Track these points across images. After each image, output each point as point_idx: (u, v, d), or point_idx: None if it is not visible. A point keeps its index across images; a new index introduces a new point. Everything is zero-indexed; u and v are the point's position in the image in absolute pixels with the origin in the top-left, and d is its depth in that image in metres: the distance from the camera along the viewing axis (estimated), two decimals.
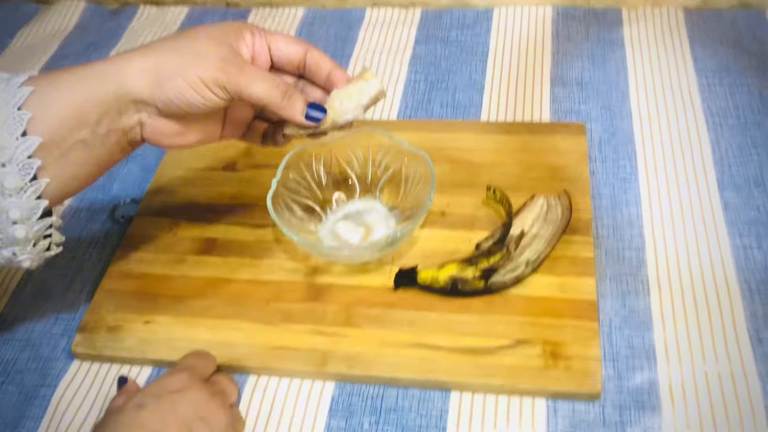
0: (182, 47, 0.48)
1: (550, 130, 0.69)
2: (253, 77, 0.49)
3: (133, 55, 0.48)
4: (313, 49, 0.53)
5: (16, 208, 0.45)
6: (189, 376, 0.51)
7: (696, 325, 0.55)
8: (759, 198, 0.63)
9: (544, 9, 0.85)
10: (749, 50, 0.77)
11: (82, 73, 0.47)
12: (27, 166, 0.45)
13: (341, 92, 0.53)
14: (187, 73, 0.47)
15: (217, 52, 0.48)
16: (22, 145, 0.44)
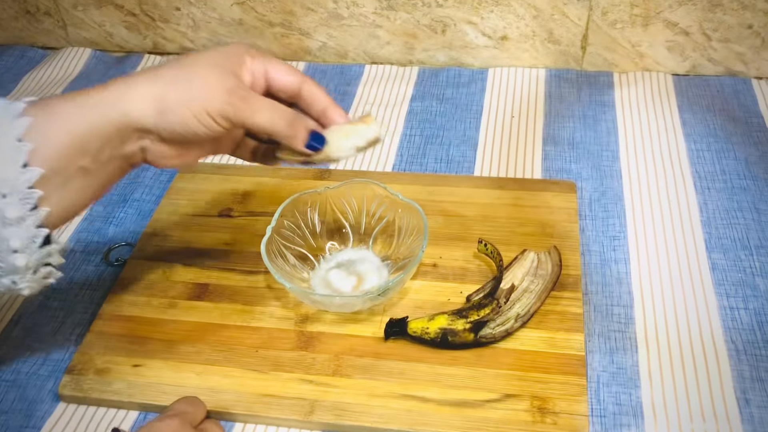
0: (186, 76, 0.48)
1: (541, 187, 0.70)
2: (258, 108, 0.49)
3: (135, 81, 0.48)
4: (309, 81, 0.54)
5: (17, 238, 0.45)
6: (180, 422, 0.50)
7: (683, 383, 0.55)
8: (746, 260, 0.64)
9: (538, 71, 0.88)
10: (735, 117, 0.79)
11: (81, 101, 0.47)
12: (28, 197, 0.45)
13: (340, 129, 0.53)
14: (192, 105, 0.47)
15: (221, 83, 0.48)
16: (23, 176, 0.44)
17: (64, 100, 0.47)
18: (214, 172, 0.76)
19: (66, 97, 0.47)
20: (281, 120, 0.50)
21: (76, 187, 0.47)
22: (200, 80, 0.48)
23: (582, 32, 0.84)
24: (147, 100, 0.47)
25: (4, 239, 0.45)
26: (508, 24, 0.85)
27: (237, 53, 0.51)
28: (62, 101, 0.47)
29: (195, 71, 0.49)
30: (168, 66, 0.49)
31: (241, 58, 0.51)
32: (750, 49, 0.82)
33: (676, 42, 0.83)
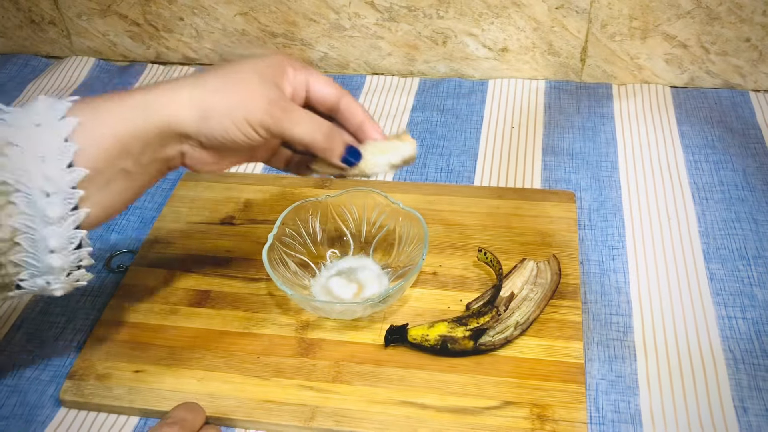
0: (231, 86, 0.49)
1: (541, 197, 0.71)
2: (297, 119, 0.50)
3: (179, 87, 0.49)
4: (347, 95, 0.54)
5: (55, 237, 0.46)
6: (178, 430, 0.51)
7: (681, 392, 0.56)
8: (744, 270, 0.64)
9: (537, 82, 0.88)
10: (733, 128, 0.80)
11: (127, 103, 0.48)
12: (70, 197, 0.45)
13: (376, 145, 0.54)
14: (235, 115, 0.48)
15: (263, 93, 0.49)
16: (69, 176, 0.45)
17: (110, 101, 0.47)
18: (217, 180, 0.76)
19: (110, 97, 0.48)
20: (319, 133, 0.51)
21: (116, 189, 0.48)
22: (243, 89, 0.49)
23: (581, 44, 0.85)
24: (189, 106, 0.48)
25: (42, 239, 0.45)
26: (509, 36, 0.86)
27: (280, 64, 0.52)
28: (107, 102, 0.47)
29: (238, 80, 0.49)
30: (212, 73, 0.50)
31: (283, 68, 0.52)
32: (747, 62, 0.83)
33: (675, 55, 0.84)
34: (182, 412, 0.54)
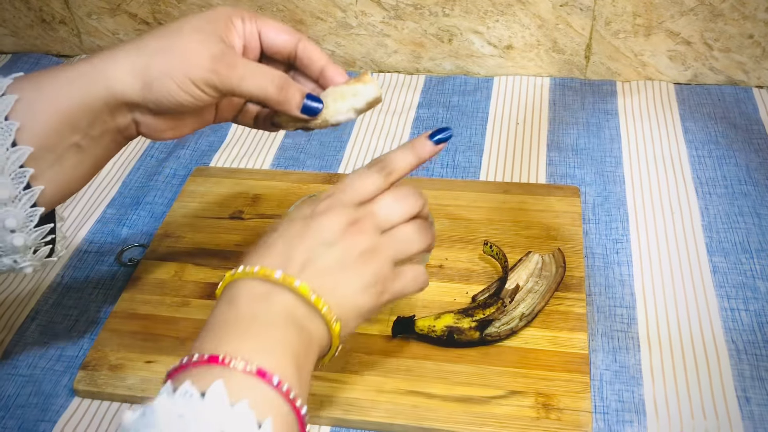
0: (169, 45, 0.47)
1: (545, 192, 0.72)
2: (245, 73, 0.47)
3: (117, 55, 0.46)
4: (305, 40, 0.51)
5: (12, 217, 0.45)
6: (329, 204, 0.47)
7: (685, 382, 0.56)
8: (746, 263, 0.65)
9: (542, 80, 0.89)
10: (736, 124, 0.80)
11: (67, 76, 0.46)
12: (19, 175, 0.45)
13: (336, 90, 0.51)
14: (176, 75, 0.46)
15: (205, 50, 0.46)
16: (13, 155, 0.44)
17: (50, 76, 0.46)
18: (226, 175, 0.77)
19: (52, 72, 0.46)
20: (272, 85, 0.48)
21: (70, 164, 0.47)
22: (183, 48, 0.46)
23: (586, 42, 0.86)
24: (131, 73, 0.46)
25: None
26: (514, 33, 0.87)
27: (224, 16, 0.49)
28: (48, 77, 0.46)
29: (178, 39, 0.47)
30: (151, 35, 0.48)
31: (228, 21, 0.49)
32: (751, 59, 0.84)
33: (678, 51, 0.84)
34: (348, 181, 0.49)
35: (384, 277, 0.46)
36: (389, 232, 0.48)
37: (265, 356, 0.39)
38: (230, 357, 0.38)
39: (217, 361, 0.38)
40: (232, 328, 0.41)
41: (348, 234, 0.45)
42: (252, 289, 0.43)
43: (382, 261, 0.46)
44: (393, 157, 0.49)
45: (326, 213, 0.46)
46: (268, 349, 0.40)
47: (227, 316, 0.42)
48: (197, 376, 0.38)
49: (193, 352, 0.39)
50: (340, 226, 0.45)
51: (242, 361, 0.38)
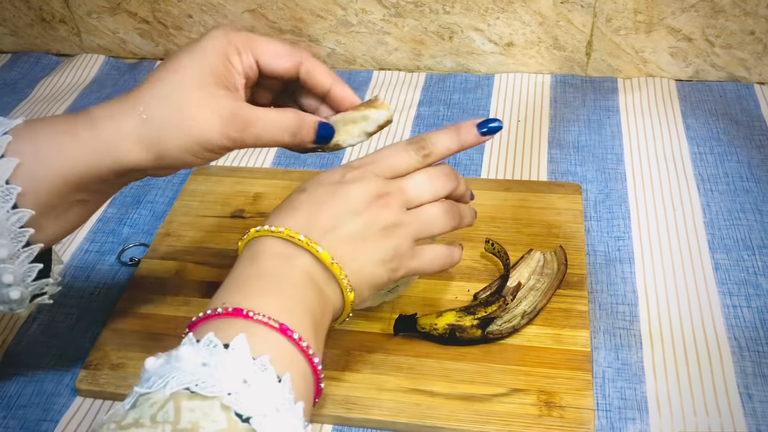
0: (176, 114, 0.45)
1: (547, 189, 0.72)
2: (259, 132, 0.47)
3: (122, 126, 0.45)
4: (307, 61, 0.49)
5: (9, 274, 0.45)
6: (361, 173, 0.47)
7: (687, 379, 0.56)
8: (748, 260, 0.65)
9: (543, 77, 0.89)
10: (738, 121, 0.80)
11: (73, 143, 0.45)
12: (19, 236, 0.44)
13: (347, 116, 0.51)
14: (189, 147, 0.45)
15: (215, 115, 0.45)
16: (13, 217, 0.44)
17: (53, 140, 0.45)
18: (227, 174, 0.77)
19: (52, 132, 0.45)
20: (286, 134, 0.48)
21: (74, 215, 0.47)
22: (191, 116, 0.45)
23: (587, 39, 0.86)
24: (141, 147, 0.45)
25: None
26: (514, 31, 0.86)
27: (221, 56, 0.47)
28: (50, 140, 0.45)
29: (184, 103, 0.45)
30: (152, 93, 0.46)
31: (225, 61, 0.47)
32: (752, 55, 0.84)
33: (679, 48, 0.84)
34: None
35: (402, 253, 0.48)
36: (415, 210, 0.48)
37: (286, 314, 0.41)
38: (253, 312, 0.40)
39: (240, 315, 0.40)
40: (255, 284, 0.42)
41: (374, 206, 0.46)
42: (275, 248, 0.44)
43: (402, 237, 0.47)
44: (435, 139, 0.49)
45: (355, 182, 0.47)
46: (289, 307, 0.42)
47: (250, 271, 0.43)
48: (220, 328, 0.39)
49: (215, 305, 0.41)
50: (366, 197, 0.46)
51: (265, 316, 0.40)
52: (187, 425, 0.34)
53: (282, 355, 0.39)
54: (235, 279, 0.43)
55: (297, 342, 0.40)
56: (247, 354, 0.37)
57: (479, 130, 0.50)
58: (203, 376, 0.36)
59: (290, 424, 0.36)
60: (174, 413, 0.34)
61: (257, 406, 0.35)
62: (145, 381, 0.36)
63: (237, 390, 0.35)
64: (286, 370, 0.38)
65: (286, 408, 0.37)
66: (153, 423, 0.34)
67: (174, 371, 0.36)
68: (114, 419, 0.35)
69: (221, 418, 0.34)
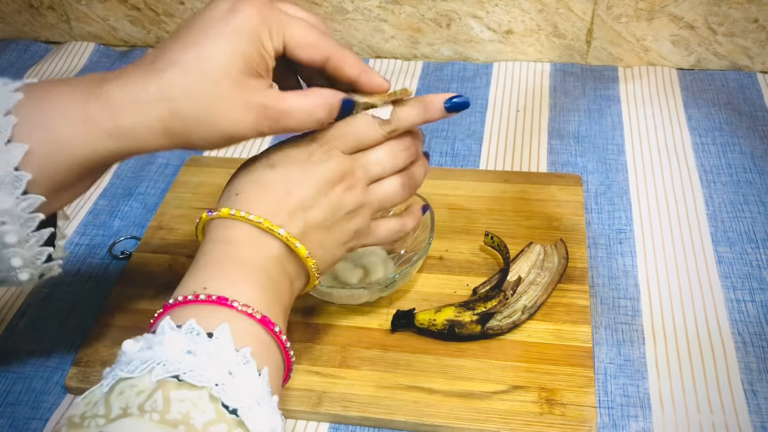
0: (206, 103, 0.42)
1: (547, 181, 0.70)
2: (289, 123, 0.45)
3: (147, 113, 0.42)
4: (334, 55, 0.46)
5: (19, 258, 0.45)
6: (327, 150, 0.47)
7: (690, 375, 0.55)
8: (752, 253, 0.64)
9: (542, 65, 0.87)
10: (741, 111, 0.79)
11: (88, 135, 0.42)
12: (29, 221, 0.43)
13: (369, 101, 0.48)
14: (216, 138, 0.43)
15: (248, 107, 0.43)
16: (24, 203, 0.42)
17: (68, 126, 0.42)
18: (220, 165, 0.76)
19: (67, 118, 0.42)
20: (314, 123, 0.46)
21: (83, 187, 0.46)
22: (223, 112, 0.43)
23: (587, 26, 0.84)
24: (165, 138, 0.43)
25: (5, 260, 0.44)
26: (513, 18, 0.85)
27: (255, 39, 0.43)
28: (64, 126, 0.42)
29: (215, 97, 0.42)
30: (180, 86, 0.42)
31: (259, 44, 0.43)
32: (755, 44, 0.82)
33: (681, 36, 0.83)
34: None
35: (360, 232, 0.49)
36: (375, 186, 0.49)
37: (265, 306, 0.41)
38: (237, 302, 0.39)
39: (224, 304, 0.39)
40: (235, 272, 0.42)
41: (340, 188, 0.47)
42: (251, 235, 0.44)
43: (363, 218, 0.49)
44: (402, 115, 0.48)
45: (323, 162, 0.46)
46: (268, 299, 0.42)
47: (227, 257, 0.43)
48: (202, 315, 0.38)
49: (193, 288, 0.40)
50: (333, 178, 0.46)
51: (249, 307, 0.39)
52: (177, 416, 0.33)
53: (261, 347, 0.40)
54: (213, 263, 0.42)
55: (277, 335, 0.41)
56: (230, 345, 0.37)
57: (445, 105, 0.50)
58: (190, 364, 0.35)
59: (270, 417, 0.37)
60: (163, 403, 0.34)
61: (242, 398, 0.35)
62: (125, 364, 0.36)
63: (224, 381, 0.35)
64: (264, 363, 0.39)
65: (265, 401, 0.37)
66: (141, 412, 0.33)
67: (157, 356, 0.36)
68: (98, 412, 0.34)
69: (210, 409, 0.34)
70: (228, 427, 0.34)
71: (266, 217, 0.44)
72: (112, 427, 0.33)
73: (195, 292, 0.40)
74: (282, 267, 0.44)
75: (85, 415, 0.34)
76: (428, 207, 0.57)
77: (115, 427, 0.33)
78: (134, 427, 0.33)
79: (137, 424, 0.33)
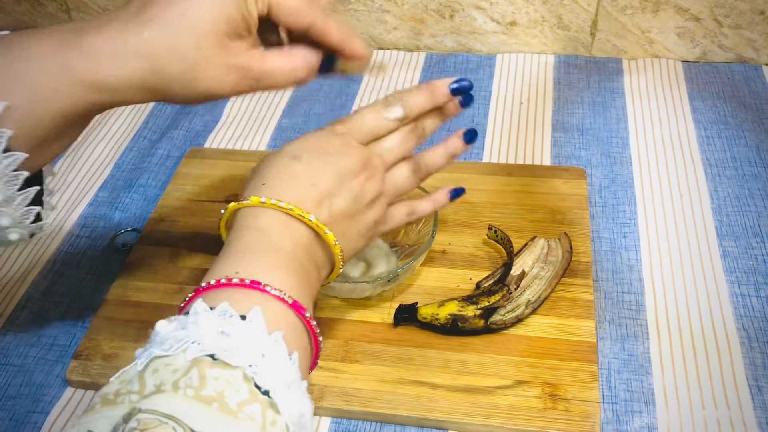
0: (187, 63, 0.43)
1: (551, 174, 0.70)
2: (270, 83, 0.46)
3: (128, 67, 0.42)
4: (317, 21, 0.46)
5: (6, 217, 0.44)
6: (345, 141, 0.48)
7: (695, 370, 0.55)
8: (757, 247, 0.63)
9: (546, 57, 0.87)
10: (746, 103, 0.78)
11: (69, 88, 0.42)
12: (13, 179, 0.43)
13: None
14: (195, 96, 0.44)
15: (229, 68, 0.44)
16: (6, 160, 0.42)
17: (47, 79, 0.41)
18: (221, 157, 0.75)
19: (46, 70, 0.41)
20: (294, 82, 0.47)
21: (68, 138, 0.46)
22: (204, 72, 0.43)
23: (591, 18, 0.83)
24: (145, 92, 0.43)
25: None
26: (517, 9, 0.84)
27: (240, 2, 0.43)
28: (44, 80, 0.41)
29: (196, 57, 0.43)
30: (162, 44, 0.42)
31: (243, 7, 0.44)
32: (761, 36, 0.81)
33: (687, 28, 0.82)
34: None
35: (379, 221, 0.50)
36: (389, 174, 0.51)
37: (297, 291, 0.41)
38: (270, 286, 0.40)
39: (257, 288, 0.39)
40: (268, 258, 0.42)
41: (361, 178, 0.48)
42: (281, 222, 0.44)
43: (381, 207, 0.50)
44: (411, 102, 0.50)
45: (344, 154, 0.48)
46: (299, 285, 0.42)
47: (260, 243, 0.43)
48: (234, 299, 0.39)
49: (226, 272, 0.40)
50: (355, 169, 0.47)
51: (281, 291, 0.40)
52: (212, 393, 0.33)
53: (292, 331, 0.40)
54: (245, 249, 0.43)
55: (308, 321, 0.41)
56: (263, 328, 0.37)
57: (450, 87, 0.52)
58: (225, 344, 0.35)
59: (300, 401, 0.37)
60: (198, 379, 0.34)
61: (274, 380, 0.36)
62: (159, 343, 0.36)
63: (257, 362, 0.35)
64: (294, 348, 0.39)
65: (295, 385, 0.37)
66: (175, 389, 0.33)
67: (192, 336, 0.35)
68: (132, 389, 0.34)
69: (244, 389, 0.34)
70: (261, 408, 0.34)
71: (295, 205, 0.44)
72: (146, 403, 0.33)
73: (227, 275, 0.40)
74: (310, 254, 0.45)
75: (119, 392, 0.34)
76: (458, 192, 0.58)
77: (149, 403, 0.33)
78: (168, 403, 0.33)
79: (171, 400, 0.33)
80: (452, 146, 0.55)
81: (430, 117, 0.53)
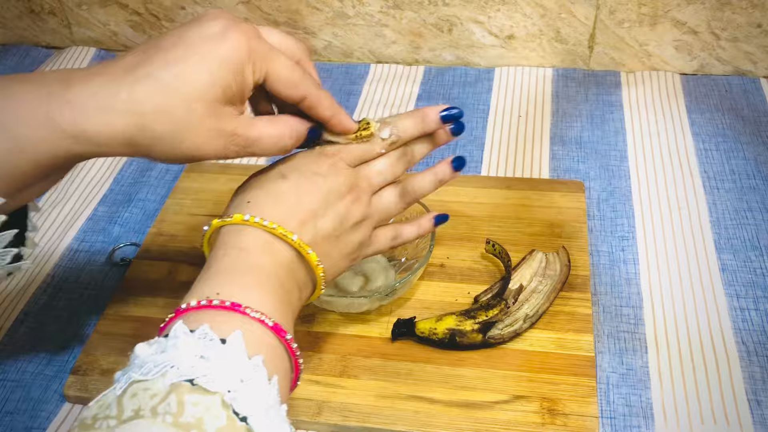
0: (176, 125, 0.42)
1: (549, 187, 0.70)
2: (255, 151, 0.46)
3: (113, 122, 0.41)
4: (310, 96, 0.47)
5: None
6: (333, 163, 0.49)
7: (694, 385, 0.55)
8: (756, 261, 0.63)
9: (545, 70, 0.87)
10: (744, 116, 0.78)
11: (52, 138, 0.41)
12: None
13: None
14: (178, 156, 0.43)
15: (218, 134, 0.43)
16: None
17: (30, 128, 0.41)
18: (220, 171, 0.75)
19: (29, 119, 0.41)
20: (280, 151, 0.47)
21: (50, 182, 0.45)
22: (192, 136, 0.42)
23: (589, 31, 0.84)
24: (129, 148, 0.42)
25: None
26: (515, 23, 0.84)
27: (237, 71, 0.43)
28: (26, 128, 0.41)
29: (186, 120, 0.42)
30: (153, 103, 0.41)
31: (240, 75, 0.43)
32: (759, 49, 0.82)
33: (684, 41, 0.82)
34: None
35: (363, 243, 0.50)
36: (376, 198, 0.51)
37: (278, 314, 0.41)
38: (251, 308, 0.39)
39: (238, 310, 0.39)
40: (248, 278, 0.42)
41: (347, 200, 0.48)
42: (263, 240, 0.44)
43: (366, 229, 0.50)
44: (402, 127, 0.51)
45: (331, 175, 0.48)
46: (281, 306, 0.42)
47: (241, 263, 0.43)
48: (215, 321, 0.38)
49: (206, 293, 0.40)
50: (341, 191, 0.48)
51: (262, 314, 0.40)
52: (191, 419, 0.33)
53: (272, 355, 0.40)
54: (226, 268, 0.43)
55: (288, 343, 0.41)
56: (243, 352, 0.37)
57: (440, 115, 0.52)
58: (204, 369, 0.35)
59: (279, 427, 0.37)
60: (177, 406, 0.33)
61: (253, 406, 0.35)
62: (138, 367, 0.36)
63: (236, 388, 0.35)
64: (274, 371, 0.39)
65: (275, 410, 0.37)
66: (154, 415, 0.33)
67: (171, 360, 0.35)
68: (110, 414, 0.34)
69: (222, 415, 0.34)
70: None
71: (279, 224, 0.44)
72: (123, 429, 0.33)
73: (208, 297, 0.40)
74: (292, 274, 0.45)
75: (96, 417, 0.34)
76: (442, 218, 0.57)
77: (126, 429, 0.33)
78: (146, 429, 0.33)
79: (150, 426, 0.33)
80: (441, 173, 0.55)
81: (420, 143, 0.53)
